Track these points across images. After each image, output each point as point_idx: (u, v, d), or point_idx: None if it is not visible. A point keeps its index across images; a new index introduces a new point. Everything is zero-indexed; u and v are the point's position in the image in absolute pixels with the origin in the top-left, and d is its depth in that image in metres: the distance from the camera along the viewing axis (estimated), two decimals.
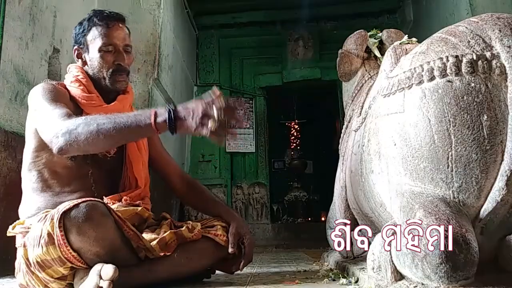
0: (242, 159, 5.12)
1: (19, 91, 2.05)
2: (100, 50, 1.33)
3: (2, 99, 1.94)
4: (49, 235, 1.06)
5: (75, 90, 1.33)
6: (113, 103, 1.36)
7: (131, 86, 1.50)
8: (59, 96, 1.27)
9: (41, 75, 2.26)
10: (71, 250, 1.07)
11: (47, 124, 1.17)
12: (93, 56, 1.34)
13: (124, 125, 1.07)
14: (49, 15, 2.37)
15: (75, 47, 1.39)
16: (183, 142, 4.72)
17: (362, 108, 1.60)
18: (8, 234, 1.24)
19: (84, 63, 1.38)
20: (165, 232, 1.26)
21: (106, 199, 1.25)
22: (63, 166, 1.28)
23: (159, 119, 1.06)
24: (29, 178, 1.28)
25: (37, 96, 1.26)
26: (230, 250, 1.33)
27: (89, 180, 1.30)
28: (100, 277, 1.05)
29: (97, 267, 1.08)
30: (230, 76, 5.30)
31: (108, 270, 1.05)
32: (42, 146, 1.25)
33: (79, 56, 1.39)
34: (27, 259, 1.13)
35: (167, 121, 1.05)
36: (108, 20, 1.34)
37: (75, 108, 1.32)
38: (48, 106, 1.21)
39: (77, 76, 1.36)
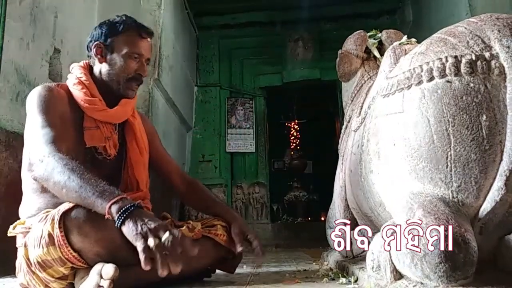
0: (242, 159, 5.13)
1: (20, 91, 2.06)
2: (126, 55, 1.35)
3: (3, 99, 1.94)
4: (50, 235, 1.06)
5: (78, 93, 1.33)
6: (115, 108, 1.36)
7: None
8: (54, 106, 1.27)
9: (42, 76, 2.27)
10: (71, 251, 1.07)
11: (33, 144, 1.21)
12: (116, 58, 1.36)
13: (85, 194, 1.05)
14: (50, 15, 2.38)
15: (97, 42, 1.37)
16: (183, 142, 4.73)
17: (361, 108, 1.60)
18: (8, 234, 1.24)
19: (102, 59, 1.37)
20: None
21: None
22: None
23: (114, 209, 1.02)
24: (29, 178, 1.27)
25: (32, 105, 1.27)
26: (238, 249, 1.32)
27: None
28: (101, 277, 1.05)
29: (97, 266, 1.08)
30: (230, 77, 5.30)
31: (108, 269, 1.05)
32: None
33: (99, 52, 1.37)
34: (28, 259, 1.13)
35: (118, 214, 1.02)
36: (143, 31, 1.39)
37: (76, 111, 1.32)
38: (39, 121, 1.22)
39: (80, 78, 1.35)
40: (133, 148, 1.40)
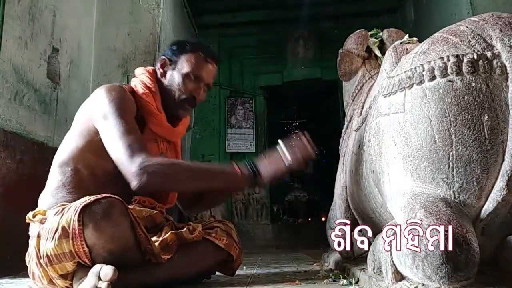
0: (242, 159, 5.09)
1: (18, 91, 2.05)
2: (185, 75, 1.37)
3: (1, 99, 1.93)
4: (63, 228, 1.06)
5: (146, 104, 1.32)
6: (178, 127, 1.41)
7: None
8: (131, 110, 1.26)
9: (40, 75, 2.26)
10: (84, 245, 1.07)
11: (122, 151, 1.16)
12: (175, 75, 1.38)
13: (213, 169, 1.29)
14: (48, 14, 2.37)
15: (164, 57, 1.41)
16: (183, 142, 4.72)
17: (362, 108, 1.60)
18: (27, 221, 1.23)
19: (163, 74, 1.40)
20: (166, 233, 1.26)
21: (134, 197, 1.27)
22: (104, 170, 1.25)
23: (243, 168, 1.25)
24: (62, 172, 1.26)
25: (110, 104, 1.23)
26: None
27: (121, 188, 1.25)
28: (99, 278, 1.05)
29: (96, 267, 1.07)
30: (230, 76, 5.30)
31: (107, 271, 1.04)
32: (91, 148, 1.25)
33: (163, 66, 1.40)
34: (38, 250, 1.14)
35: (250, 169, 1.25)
36: (209, 55, 1.41)
37: (140, 120, 1.30)
38: (122, 124, 1.19)
39: (150, 88, 1.35)
40: None
